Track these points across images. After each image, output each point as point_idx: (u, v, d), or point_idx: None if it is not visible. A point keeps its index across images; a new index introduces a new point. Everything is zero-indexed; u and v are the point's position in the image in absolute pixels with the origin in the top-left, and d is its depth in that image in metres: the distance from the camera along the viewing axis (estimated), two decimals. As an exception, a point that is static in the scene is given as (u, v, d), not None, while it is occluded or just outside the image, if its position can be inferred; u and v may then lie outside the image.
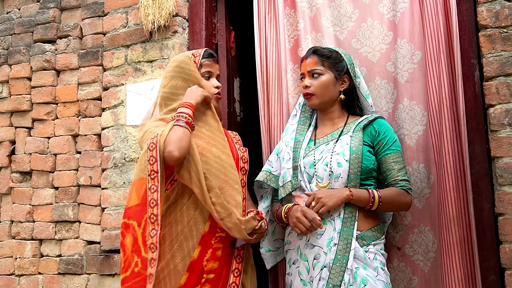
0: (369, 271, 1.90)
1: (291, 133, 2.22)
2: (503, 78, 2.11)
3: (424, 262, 2.20)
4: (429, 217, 2.21)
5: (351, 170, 1.98)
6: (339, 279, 1.84)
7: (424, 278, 2.19)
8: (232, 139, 2.24)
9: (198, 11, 2.86)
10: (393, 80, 2.32)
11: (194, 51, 2.22)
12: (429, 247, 2.19)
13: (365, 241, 1.96)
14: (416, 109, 2.25)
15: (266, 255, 2.26)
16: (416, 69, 2.27)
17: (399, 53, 2.30)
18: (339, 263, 1.87)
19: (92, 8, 3.07)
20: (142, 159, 1.88)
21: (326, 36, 2.43)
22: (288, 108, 2.43)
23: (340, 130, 2.12)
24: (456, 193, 2.10)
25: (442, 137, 2.15)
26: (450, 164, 2.11)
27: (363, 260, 1.91)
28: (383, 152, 2.06)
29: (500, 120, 2.09)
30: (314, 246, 1.96)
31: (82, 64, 3.04)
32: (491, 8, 2.16)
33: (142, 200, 1.83)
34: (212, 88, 2.15)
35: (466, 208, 2.12)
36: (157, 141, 1.85)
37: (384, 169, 2.06)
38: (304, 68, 2.16)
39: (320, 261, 1.92)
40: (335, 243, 1.90)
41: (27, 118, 3.14)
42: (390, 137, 2.08)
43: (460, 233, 2.08)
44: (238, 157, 2.14)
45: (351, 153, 2.00)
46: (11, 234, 3.06)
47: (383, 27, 2.36)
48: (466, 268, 2.07)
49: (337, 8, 2.45)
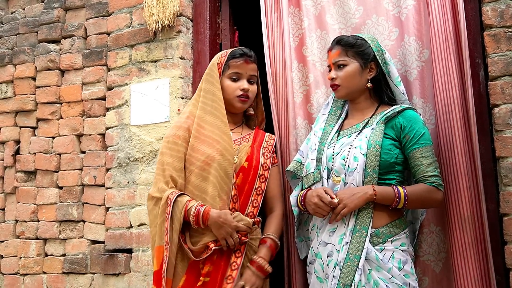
0: (382, 273, 1.84)
1: (321, 123, 2.18)
2: (508, 78, 2.10)
3: (436, 263, 2.16)
4: (440, 217, 2.18)
5: (368, 165, 1.91)
6: (349, 278, 1.81)
7: (436, 279, 2.15)
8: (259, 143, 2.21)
9: (202, 11, 2.86)
10: (400, 78, 2.31)
11: (225, 50, 2.22)
12: (441, 247, 2.15)
13: (380, 239, 1.89)
14: (424, 107, 2.23)
15: (299, 245, 2.27)
16: (425, 67, 2.25)
17: (407, 50, 2.27)
18: (350, 262, 1.83)
19: (96, 8, 3.08)
20: (158, 211, 2.01)
21: (331, 34, 2.42)
22: (293, 107, 2.42)
23: (365, 121, 2.05)
24: (469, 193, 2.07)
25: (453, 137, 2.11)
26: (463, 164, 2.08)
27: (375, 261, 1.85)
28: (410, 146, 1.95)
29: (505, 120, 2.08)
30: (327, 244, 1.93)
31: (87, 64, 3.04)
32: (496, 8, 2.16)
33: (160, 267, 1.95)
34: (236, 90, 2.13)
35: (478, 208, 2.08)
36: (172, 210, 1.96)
37: (412, 165, 1.96)
38: (329, 60, 2.11)
39: (333, 259, 1.89)
40: (347, 241, 1.86)
41: (31, 118, 3.15)
42: (417, 130, 1.95)
43: (474, 233, 2.05)
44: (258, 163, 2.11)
45: (369, 146, 1.92)
46: (15, 233, 3.07)
47: (388, 23, 2.34)
48: (480, 268, 2.05)
49: (341, 5, 2.45)
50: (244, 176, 2.07)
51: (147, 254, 2.67)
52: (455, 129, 2.11)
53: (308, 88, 2.44)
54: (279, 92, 2.50)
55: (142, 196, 2.75)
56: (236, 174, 2.06)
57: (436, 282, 2.15)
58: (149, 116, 2.80)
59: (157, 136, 2.76)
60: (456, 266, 2.05)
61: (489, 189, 2.14)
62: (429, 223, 2.18)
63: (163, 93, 2.77)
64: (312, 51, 2.45)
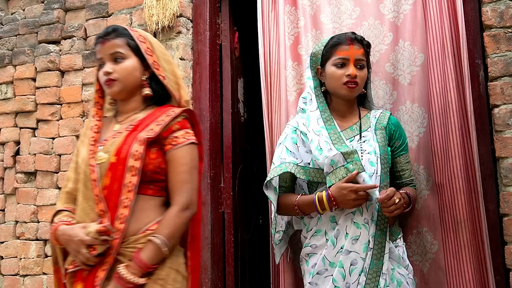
0: (402, 269, 1.92)
1: (317, 121, 2.02)
2: (508, 79, 2.10)
3: (423, 263, 2.21)
4: (426, 219, 2.21)
5: (382, 170, 1.96)
6: (375, 284, 1.84)
7: (423, 279, 2.20)
8: (145, 126, 1.76)
9: (202, 11, 2.86)
10: (392, 82, 2.33)
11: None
12: (427, 248, 2.20)
13: (393, 236, 1.97)
14: (418, 111, 2.25)
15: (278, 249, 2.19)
16: (419, 72, 2.27)
17: (401, 55, 2.30)
18: (375, 268, 1.85)
19: (96, 8, 3.08)
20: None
21: (325, 33, 2.43)
22: (286, 105, 2.43)
23: (357, 124, 2.04)
24: (466, 195, 2.09)
25: (449, 140, 2.14)
26: (458, 167, 2.11)
27: (397, 259, 1.92)
28: (398, 152, 2.07)
29: (505, 121, 2.08)
30: (350, 252, 1.87)
31: (86, 64, 3.04)
32: (496, 8, 2.16)
33: None
34: (101, 76, 1.82)
35: (476, 209, 2.11)
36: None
37: (399, 169, 2.07)
38: (350, 53, 1.97)
39: (357, 267, 1.85)
40: (371, 247, 1.87)
41: (31, 119, 3.15)
42: (404, 137, 2.10)
43: (469, 235, 2.07)
44: (128, 154, 1.69)
45: (381, 152, 1.97)
46: (15, 234, 3.06)
47: (383, 27, 2.36)
48: (475, 270, 2.07)
49: (337, 5, 2.46)
50: (113, 174, 1.69)
51: (147, 255, 2.67)
52: (452, 133, 2.14)
53: (302, 86, 2.45)
54: (273, 90, 2.51)
55: (142, 197, 2.74)
56: (105, 173, 1.70)
57: (424, 282, 2.20)
58: (149, 117, 2.79)
59: (157, 137, 2.75)
60: (449, 269, 2.10)
61: (489, 189, 2.15)
62: (418, 225, 2.22)
63: (163, 94, 2.77)
64: (307, 50, 2.46)
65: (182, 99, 1.87)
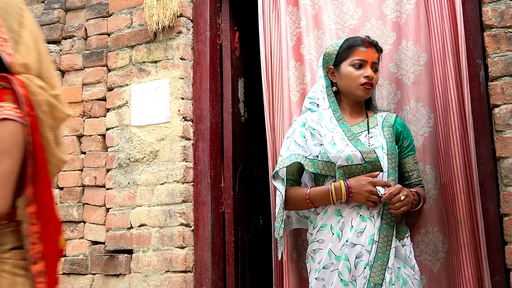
0: (408, 270, 1.93)
1: (330, 119, 2.05)
2: (508, 78, 2.10)
3: (433, 262, 2.19)
4: (437, 218, 2.21)
5: (390, 165, 1.99)
6: (380, 277, 1.83)
7: (434, 278, 2.19)
8: None
9: (202, 11, 2.86)
10: (396, 81, 2.33)
11: None
12: (439, 247, 2.19)
13: (400, 235, 1.98)
14: (422, 110, 2.25)
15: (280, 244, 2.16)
16: (423, 71, 2.27)
17: (405, 55, 2.30)
18: (380, 261, 1.85)
19: (96, 8, 3.08)
20: None
21: (327, 33, 2.43)
22: (289, 105, 2.43)
23: (365, 122, 2.09)
24: (465, 195, 2.10)
25: (449, 139, 2.14)
26: (459, 166, 2.11)
27: (403, 259, 1.93)
28: (407, 152, 2.11)
29: (506, 120, 2.08)
30: (355, 245, 1.89)
31: (87, 64, 3.04)
32: (496, 8, 2.16)
33: None
34: None
35: (474, 209, 2.11)
36: None
37: (407, 169, 2.11)
38: (368, 55, 2.04)
39: (363, 260, 1.87)
40: (376, 240, 1.88)
41: (32, 119, 3.14)
42: (411, 138, 2.13)
43: (469, 234, 2.08)
44: None
45: (389, 147, 2.00)
46: (16, 234, 3.07)
47: (386, 27, 2.37)
48: (474, 269, 2.07)
49: (339, 6, 2.46)
50: None
51: (148, 254, 2.68)
52: (452, 132, 2.14)
53: (305, 87, 2.45)
54: (275, 90, 2.51)
55: (142, 197, 2.75)
56: None
57: (434, 281, 2.19)
58: (150, 117, 2.80)
59: (157, 137, 2.76)
60: (453, 266, 2.11)
61: (490, 189, 2.15)
62: (426, 224, 2.22)
63: (164, 94, 2.77)
64: (309, 50, 2.46)
65: (15, 62, 1.30)
